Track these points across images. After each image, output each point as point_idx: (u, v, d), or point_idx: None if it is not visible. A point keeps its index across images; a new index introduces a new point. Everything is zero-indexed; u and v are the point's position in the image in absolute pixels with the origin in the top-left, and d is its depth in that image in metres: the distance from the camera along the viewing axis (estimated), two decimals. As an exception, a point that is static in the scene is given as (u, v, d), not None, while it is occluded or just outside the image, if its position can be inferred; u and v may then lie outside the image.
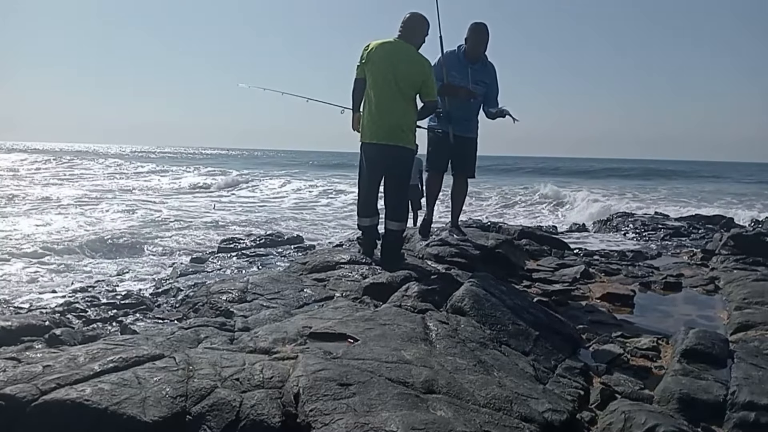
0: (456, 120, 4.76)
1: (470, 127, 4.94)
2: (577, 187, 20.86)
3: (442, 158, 4.93)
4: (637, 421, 2.11)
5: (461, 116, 4.79)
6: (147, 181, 22.92)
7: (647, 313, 3.99)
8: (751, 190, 23.90)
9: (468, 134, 4.91)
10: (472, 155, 5.02)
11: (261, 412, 1.90)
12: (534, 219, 12.91)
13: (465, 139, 4.87)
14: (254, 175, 27.14)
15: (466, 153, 4.95)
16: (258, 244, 7.24)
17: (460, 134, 4.80)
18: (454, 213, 5.27)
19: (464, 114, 4.81)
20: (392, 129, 4.10)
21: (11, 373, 2.03)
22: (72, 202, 13.72)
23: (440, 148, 4.84)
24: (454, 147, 4.79)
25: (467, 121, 4.87)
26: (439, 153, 4.90)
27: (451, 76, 4.67)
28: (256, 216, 12.20)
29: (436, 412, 1.94)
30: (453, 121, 4.73)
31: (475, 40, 4.74)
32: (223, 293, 3.73)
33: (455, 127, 4.76)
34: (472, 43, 4.74)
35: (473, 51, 4.75)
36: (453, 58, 4.75)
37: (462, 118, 4.80)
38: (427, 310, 3.08)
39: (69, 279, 5.53)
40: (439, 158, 4.93)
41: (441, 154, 4.89)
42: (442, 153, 4.88)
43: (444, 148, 4.80)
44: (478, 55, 4.77)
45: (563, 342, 3.01)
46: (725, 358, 2.74)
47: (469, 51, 4.75)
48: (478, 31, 4.74)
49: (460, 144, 4.82)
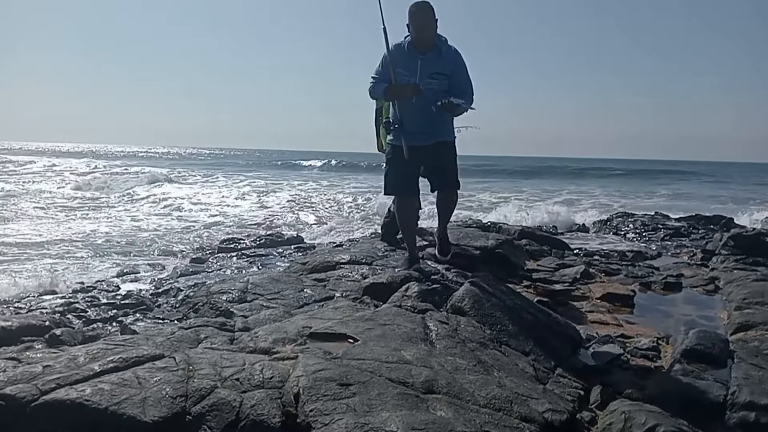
0: (413, 128, 3.92)
1: (437, 132, 3.99)
2: (577, 190, 20.89)
3: (408, 176, 4.03)
4: (637, 421, 2.11)
5: (420, 123, 3.91)
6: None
7: (647, 313, 3.99)
8: (752, 190, 23.93)
9: (433, 140, 3.96)
10: (448, 162, 4.07)
11: (261, 412, 1.90)
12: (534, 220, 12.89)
13: (433, 146, 3.97)
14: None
15: (438, 163, 4.04)
16: (258, 244, 7.24)
17: (421, 144, 3.93)
18: (440, 223, 4.41)
19: (423, 119, 3.90)
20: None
21: (11, 373, 2.03)
22: (71, 203, 13.73)
23: (401, 164, 3.97)
24: (422, 160, 4.01)
25: (432, 125, 3.94)
26: (401, 171, 4.00)
27: (398, 74, 3.81)
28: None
29: (436, 412, 1.94)
30: (407, 132, 3.92)
31: (417, 23, 3.77)
32: (223, 293, 3.74)
33: (412, 138, 3.92)
34: (414, 28, 3.79)
35: (419, 38, 3.80)
36: (400, 51, 3.85)
37: (422, 125, 3.92)
38: (427, 310, 3.08)
39: (69, 279, 5.53)
40: (403, 178, 4.02)
41: (403, 171, 4.00)
42: (404, 170, 3.99)
43: (405, 163, 3.94)
44: (427, 41, 3.81)
45: (563, 342, 3.01)
46: (725, 358, 2.74)
47: (414, 39, 3.83)
48: (419, 12, 3.76)
49: (428, 154, 3.98)
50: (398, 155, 3.96)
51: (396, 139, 3.99)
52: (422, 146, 3.95)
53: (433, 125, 3.95)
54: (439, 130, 4.00)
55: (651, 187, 14.41)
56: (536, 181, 29.15)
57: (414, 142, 3.92)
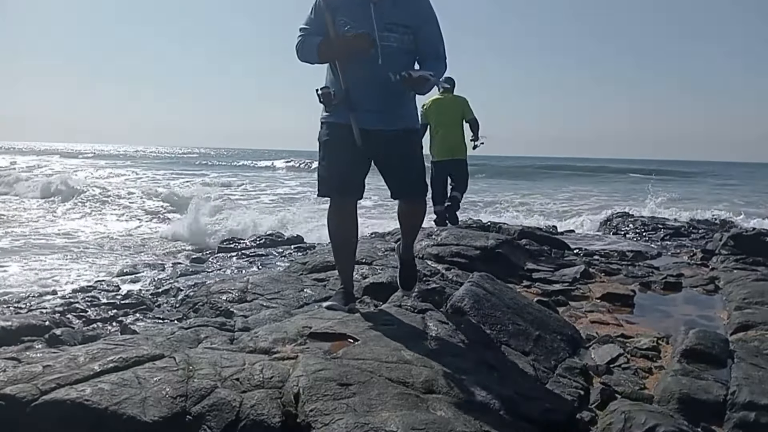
0: (368, 103, 2.72)
1: (400, 114, 2.83)
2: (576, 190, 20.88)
3: (353, 172, 2.84)
4: (637, 421, 2.11)
5: (376, 97, 2.72)
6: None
7: (647, 313, 3.99)
8: (751, 190, 23.92)
9: (393, 126, 2.80)
10: (413, 160, 2.90)
11: (261, 412, 1.90)
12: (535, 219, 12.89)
13: (393, 135, 2.80)
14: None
15: (399, 161, 2.87)
16: (258, 244, 7.25)
17: (376, 128, 2.76)
18: (403, 242, 3.19)
19: (378, 93, 2.72)
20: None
21: (11, 373, 2.03)
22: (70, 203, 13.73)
23: (344, 152, 2.78)
24: (374, 151, 2.83)
25: (391, 103, 2.77)
26: (344, 162, 2.81)
27: (338, 25, 2.68)
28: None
29: (436, 412, 1.94)
30: (357, 107, 2.71)
31: None
32: (223, 293, 3.74)
33: (366, 118, 2.72)
34: None
35: None
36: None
37: (378, 100, 2.73)
38: (427, 310, 3.08)
39: (69, 279, 5.54)
40: (347, 173, 2.83)
41: (347, 163, 2.80)
42: (349, 161, 2.80)
43: (351, 152, 2.76)
44: None
45: (563, 342, 3.01)
46: (725, 358, 2.74)
47: None
48: None
49: (385, 146, 2.80)
50: (339, 140, 2.78)
51: (338, 116, 2.76)
52: (378, 132, 2.75)
53: (392, 103, 2.77)
54: (402, 111, 2.85)
55: (651, 187, 14.53)
56: (536, 181, 29.15)
57: (367, 124, 2.72)
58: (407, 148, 2.89)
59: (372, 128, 2.75)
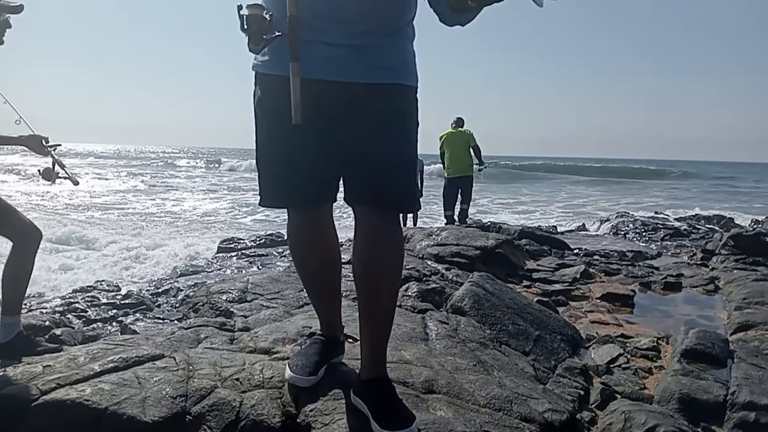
0: (326, 27, 1.58)
1: (390, 55, 1.66)
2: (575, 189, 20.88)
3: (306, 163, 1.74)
4: (637, 421, 2.11)
5: (349, 15, 1.57)
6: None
7: (647, 313, 3.99)
8: (751, 190, 23.92)
9: (367, 74, 1.62)
10: (390, 141, 1.68)
11: (261, 412, 1.90)
12: (534, 219, 12.90)
13: (365, 91, 1.63)
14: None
15: (364, 135, 1.67)
16: (258, 244, 7.24)
17: (345, 78, 1.61)
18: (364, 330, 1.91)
19: (359, 5, 1.57)
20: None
21: (11, 373, 2.03)
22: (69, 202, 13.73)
23: (291, 130, 1.60)
24: (324, 118, 1.65)
25: (375, 30, 1.61)
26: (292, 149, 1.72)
27: None
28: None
29: (436, 412, 1.94)
30: (312, 36, 1.55)
31: None
32: (223, 293, 3.73)
33: (324, 56, 1.59)
34: None
35: None
36: None
37: (352, 21, 1.58)
38: (427, 310, 3.08)
39: (69, 279, 5.53)
40: (293, 163, 1.74)
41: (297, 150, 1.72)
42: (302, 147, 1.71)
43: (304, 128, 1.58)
44: None
45: (563, 342, 3.01)
46: (725, 358, 2.74)
47: None
48: None
49: (345, 106, 1.64)
50: (287, 105, 1.54)
51: (279, 61, 1.60)
52: (344, 85, 1.63)
53: (376, 34, 1.64)
54: (393, 53, 1.69)
55: (651, 187, 14.42)
56: (537, 181, 29.15)
57: (325, 71, 1.61)
58: (391, 113, 1.67)
59: (334, 79, 1.61)
